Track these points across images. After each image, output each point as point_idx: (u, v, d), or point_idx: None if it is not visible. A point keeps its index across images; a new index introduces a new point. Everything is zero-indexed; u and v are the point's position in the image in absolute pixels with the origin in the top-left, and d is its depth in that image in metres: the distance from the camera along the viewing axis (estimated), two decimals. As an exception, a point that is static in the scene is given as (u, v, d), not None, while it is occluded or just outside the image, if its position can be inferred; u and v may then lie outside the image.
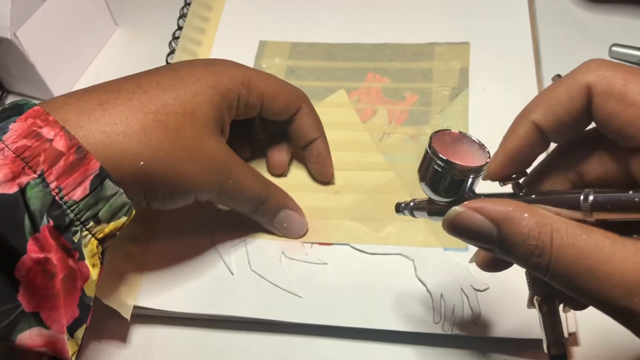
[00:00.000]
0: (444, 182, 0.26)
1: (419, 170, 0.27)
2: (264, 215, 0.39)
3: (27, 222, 0.28)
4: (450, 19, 0.50)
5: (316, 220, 0.41)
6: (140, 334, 0.39)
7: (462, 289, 0.37)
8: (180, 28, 0.54)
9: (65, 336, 0.30)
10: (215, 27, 0.52)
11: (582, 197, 0.23)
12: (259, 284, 0.38)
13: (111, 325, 0.39)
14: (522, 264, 0.24)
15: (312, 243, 0.40)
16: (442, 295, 0.37)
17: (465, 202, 0.25)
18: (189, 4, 0.55)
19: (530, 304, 0.28)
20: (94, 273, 0.31)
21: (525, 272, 0.29)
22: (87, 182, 0.30)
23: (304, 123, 0.41)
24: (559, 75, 0.47)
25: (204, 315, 0.38)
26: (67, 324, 0.30)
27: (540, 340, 0.35)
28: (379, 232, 0.40)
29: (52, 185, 0.29)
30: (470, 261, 0.30)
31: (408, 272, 0.38)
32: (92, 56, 0.54)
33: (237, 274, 0.39)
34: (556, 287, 0.23)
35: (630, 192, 0.22)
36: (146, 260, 0.40)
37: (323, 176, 0.42)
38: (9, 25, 0.44)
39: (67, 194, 0.29)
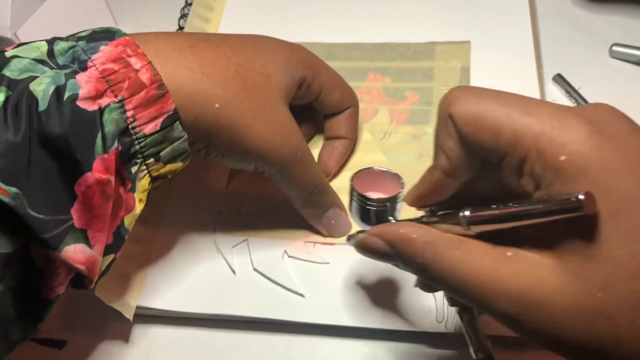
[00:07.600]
0: (367, 213, 0.32)
1: (350, 209, 0.33)
2: (316, 208, 0.39)
3: (99, 141, 0.29)
4: (451, 18, 0.50)
5: (318, 220, 0.41)
6: (142, 334, 0.39)
7: (464, 288, 0.37)
8: (181, 28, 0.54)
9: (101, 259, 0.31)
10: (217, 28, 0.52)
11: (460, 214, 0.25)
12: (262, 284, 0.38)
13: (113, 325, 0.39)
14: (419, 277, 0.27)
15: (315, 242, 0.40)
16: (444, 293, 0.37)
17: (369, 229, 0.29)
18: (189, 4, 0.55)
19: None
20: (138, 207, 0.32)
21: None
22: (160, 120, 0.31)
23: (344, 122, 0.42)
24: (559, 75, 0.47)
25: (207, 315, 0.38)
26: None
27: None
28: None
29: (129, 114, 0.30)
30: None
31: (410, 271, 0.38)
32: (92, 56, 0.54)
33: (240, 274, 0.39)
34: None
35: (493, 206, 0.23)
36: (148, 260, 0.40)
37: (323, 169, 0.42)
38: (9, 25, 0.44)
39: (139, 126, 0.30)
